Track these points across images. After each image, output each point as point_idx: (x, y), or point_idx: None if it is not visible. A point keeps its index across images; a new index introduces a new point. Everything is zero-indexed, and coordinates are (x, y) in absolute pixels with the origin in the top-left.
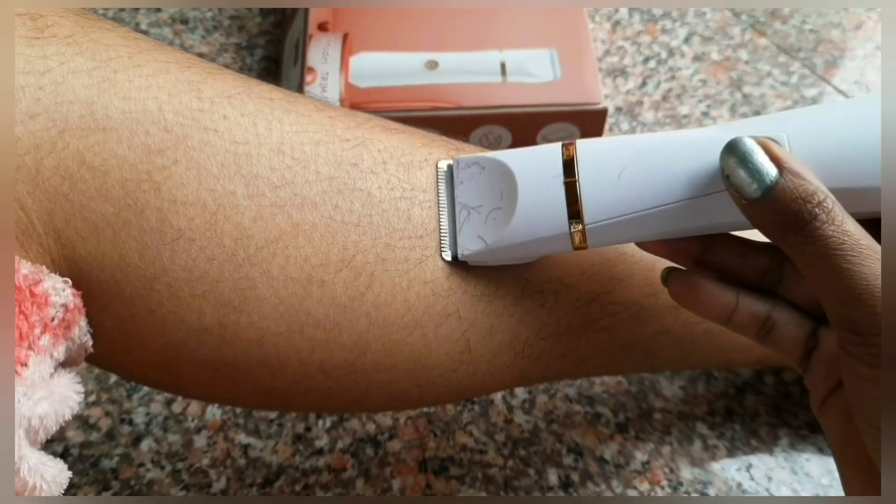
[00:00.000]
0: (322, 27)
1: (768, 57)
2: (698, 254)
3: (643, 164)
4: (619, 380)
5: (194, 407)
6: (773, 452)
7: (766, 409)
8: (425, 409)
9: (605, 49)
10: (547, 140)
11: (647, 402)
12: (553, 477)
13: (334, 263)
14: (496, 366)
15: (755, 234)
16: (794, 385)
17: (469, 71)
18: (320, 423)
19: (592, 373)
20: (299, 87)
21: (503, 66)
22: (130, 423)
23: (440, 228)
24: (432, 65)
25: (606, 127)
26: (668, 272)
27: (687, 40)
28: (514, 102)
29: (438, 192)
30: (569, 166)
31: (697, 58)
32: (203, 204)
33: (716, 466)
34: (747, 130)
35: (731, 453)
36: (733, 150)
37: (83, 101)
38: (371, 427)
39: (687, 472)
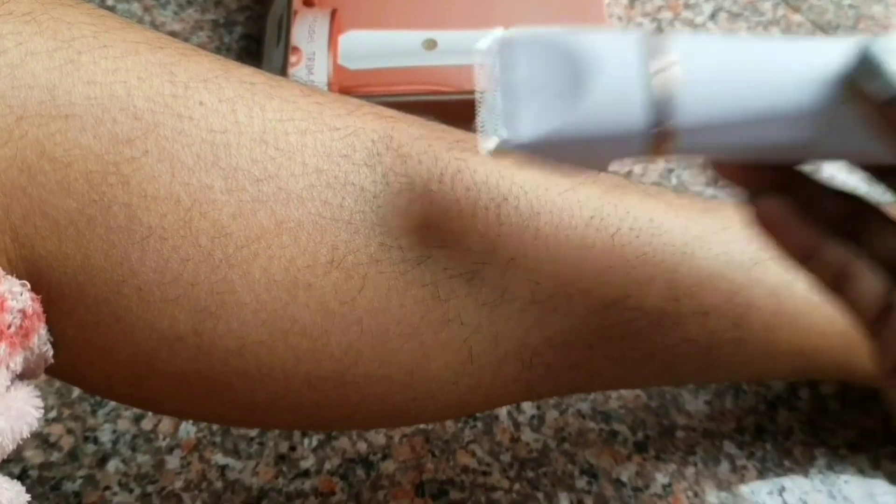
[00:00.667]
0: (308, 2)
1: (803, 35)
2: (780, 185)
3: (753, 64)
4: (638, 394)
5: (166, 424)
6: (808, 474)
7: (800, 426)
8: (422, 427)
9: (623, 26)
10: None
11: (668, 419)
12: (564, 501)
13: (322, 265)
14: (501, 378)
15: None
16: (833, 399)
17: (471, 51)
18: (306, 441)
19: (608, 386)
20: (283, 69)
21: None
22: (95, 441)
23: (485, 109)
24: (430, 44)
25: None
26: (757, 193)
27: (713, 17)
28: None
29: (492, 66)
30: (659, 53)
31: None
32: (176, 199)
33: (745, 490)
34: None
35: (761, 475)
36: (869, 51)
37: (43, 86)
38: (362, 446)
39: (713, 496)
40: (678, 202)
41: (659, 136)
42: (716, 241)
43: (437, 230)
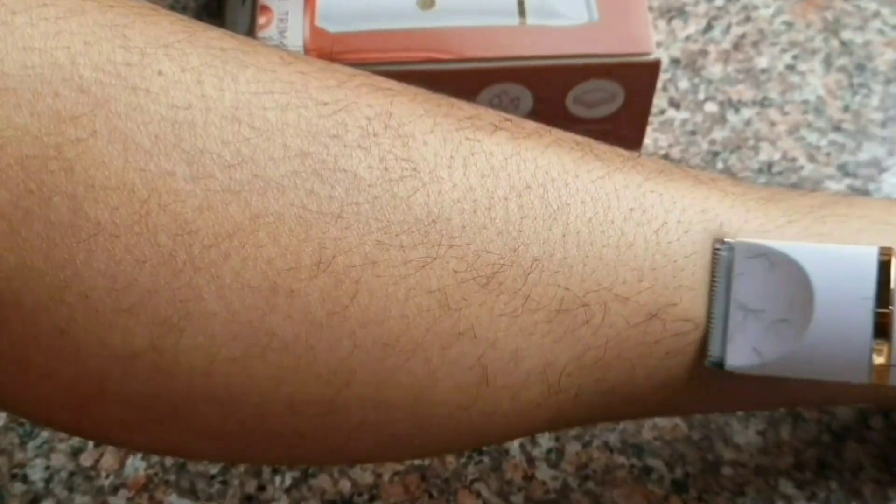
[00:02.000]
0: None
1: None
2: None
3: None
4: (677, 422)
5: (109, 459)
6: None
7: (871, 461)
8: (417, 462)
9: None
10: (580, 102)
11: (713, 453)
12: None
13: (307, 267)
14: (522, 403)
15: None
16: None
17: (476, 10)
18: (277, 479)
19: (649, 413)
20: (249, 32)
21: (521, 3)
22: (24, 480)
23: (710, 324)
24: (427, 2)
25: (659, 85)
26: None
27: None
28: (535, 53)
29: (715, 282)
30: (884, 290)
31: None
32: (131, 188)
33: None
34: None
35: None
36: None
37: None
38: (345, 485)
39: None
40: (734, 190)
41: (877, 371)
42: (780, 236)
43: (445, 225)
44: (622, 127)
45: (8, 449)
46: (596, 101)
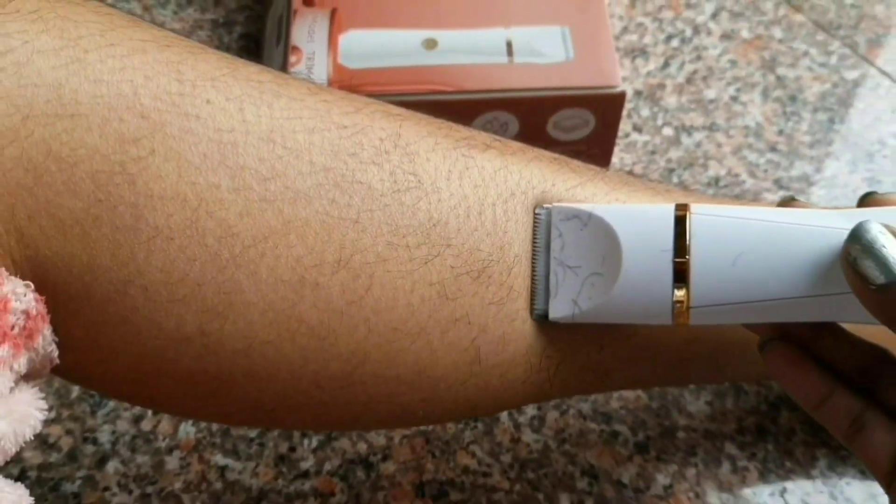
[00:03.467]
0: (308, 2)
1: (805, 35)
2: (805, 338)
3: (762, 251)
4: (639, 394)
5: (165, 425)
6: (810, 475)
7: (802, 426)
8: (422, 428)
9: (623, 26)
10: (558, 127)
11: (669, 420)
12: (565, 502)
13: (330, 264)
14: (509, 379)
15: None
16: None
17: (471, 50)
18: (306, 442)
19: (616, 387)
20: (282, 69)
21: (509, 44)
22: (94, 442)
23: (533, 281)
24: (431, 43)
25: (625, 113)
26: (769, 340)
27: (714, 16)
28: (521, 86)
29: (535, 241)
30: (680, 241)
31: (726, 36)
32: (183, 198)
33: (746, 491)
34: (877, 217)
35: (763, 476)
36: (859, 236)
37: (49, 85)
38: (362, 447)
39: (714, 498)
40: (685, 200)
41: (677, 316)
42: None
43: (444, 228)
44: (593, 148)
45: (80, 416)
46: (572, 126)
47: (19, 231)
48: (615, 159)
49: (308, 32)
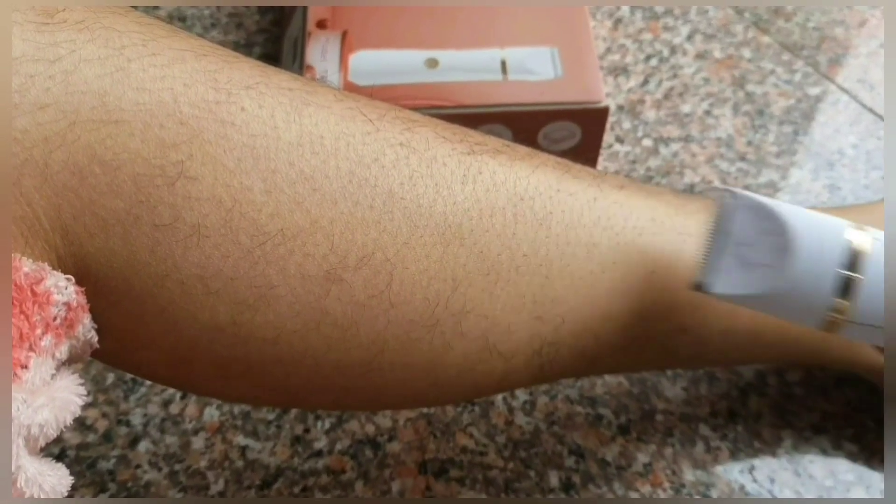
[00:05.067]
0: (321, 25)
1: (771, 55)
2: None
3: None
4: (621, 380)
5: (192, 408)
6: (776, 454)
7: (769, 410)
8: (425, 411)
9: (607, 47)
10: (548, 138)
11: (649, 404)
12: (554, 479)
13: (353, 261)
14: (513, 365)
15: None
16: (798, 386)
17: (469, 69)
18: (319, 424)
19: (605, 371)
20: None
21: (504, 63)
22: (128, 424)
23: (707, 255)
24: (432, 63)
25: (608, 125)
26: None
27: (689, 38)
28: (514, 101)
29: (716, 221)
30: (855, 261)
31: (700, 56)
32: (218, 200)
33: (718, 468)
34: None
35: (733, 455)
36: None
37: (95, 92)
38: (370, 428)
39: (689, 475)
40: (676, 201)
41: (830, 324)
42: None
43: (457, 229)
44: (580, 157)
45: (115, 400)
46: (560, 137)
47: (64, 229)
48: (599, 167)
49: (321, 53)
